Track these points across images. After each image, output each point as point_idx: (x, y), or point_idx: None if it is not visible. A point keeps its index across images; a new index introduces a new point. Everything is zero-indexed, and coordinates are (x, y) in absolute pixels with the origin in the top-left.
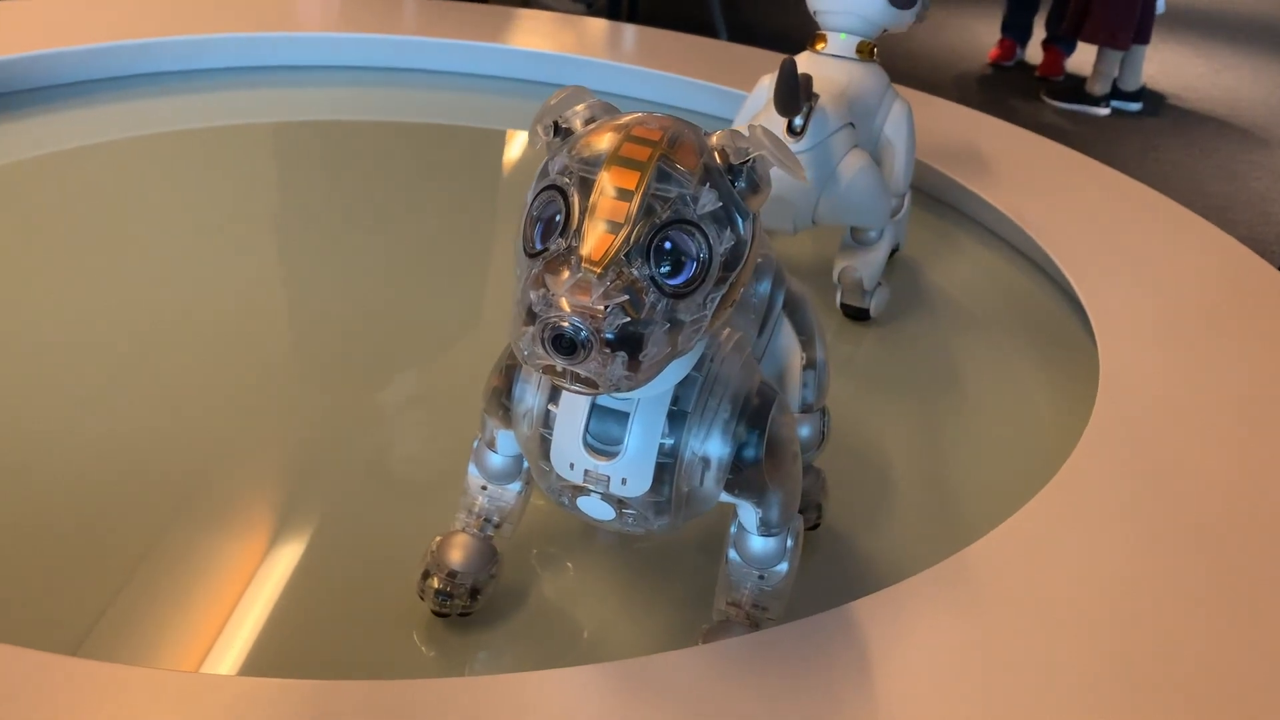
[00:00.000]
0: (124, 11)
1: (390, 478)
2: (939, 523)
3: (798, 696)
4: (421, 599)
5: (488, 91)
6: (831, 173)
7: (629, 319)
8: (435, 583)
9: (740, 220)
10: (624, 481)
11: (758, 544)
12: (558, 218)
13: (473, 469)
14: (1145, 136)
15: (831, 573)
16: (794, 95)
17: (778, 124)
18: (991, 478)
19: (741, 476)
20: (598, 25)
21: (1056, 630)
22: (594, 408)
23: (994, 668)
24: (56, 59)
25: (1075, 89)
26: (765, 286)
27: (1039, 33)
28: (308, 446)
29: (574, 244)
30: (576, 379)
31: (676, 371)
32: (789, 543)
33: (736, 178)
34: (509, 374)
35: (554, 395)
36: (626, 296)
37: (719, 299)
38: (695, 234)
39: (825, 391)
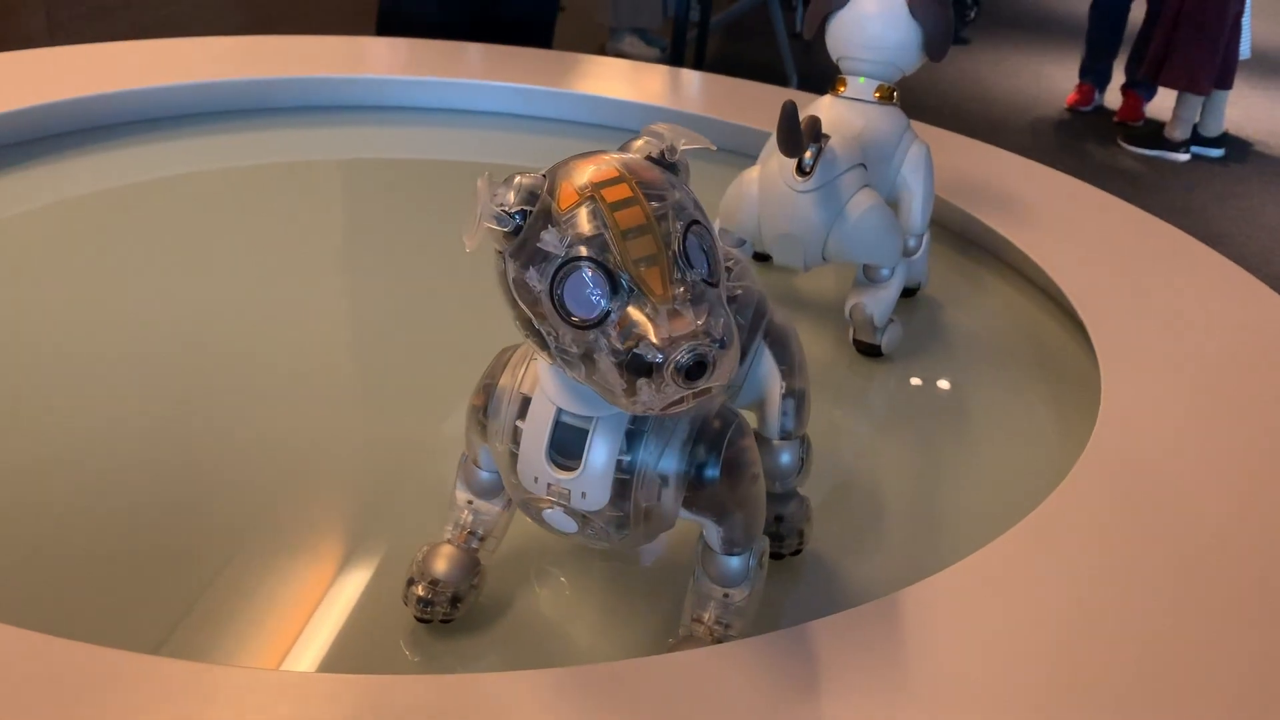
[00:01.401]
0: (208, 53)
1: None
2: (924, 551)
3: (750, 708)
4: (405, 604)
5: (557, 135)
6: (840, 211)
7: (724, 318)
8: (419, 590)
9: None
10: (584, 495)
11: (722, 562)
12: (589, 284)
13: (459, 484)
14: (1225, 183)
15: (810, 594)
16: (795, 136)
17: (788, 164)
18: (981, 510)
19: (700, 495)
20: (667, 72)
21: (1009, 660)
22: (557, 424)
23: (944, 693)
24: (142, 96)
25: (1154, 134)
26: (746, 317)
27: (1118, 77)
28: (375, 463)
29: (633, 291)
30: (695, 396)
31: None
32: (752, 562)
33: (674, 171)
34: (487, 392)
35: (522, 412)
36: (707, 304)
37: (722, 275)
38: (699, 228)
39: (805, 421)
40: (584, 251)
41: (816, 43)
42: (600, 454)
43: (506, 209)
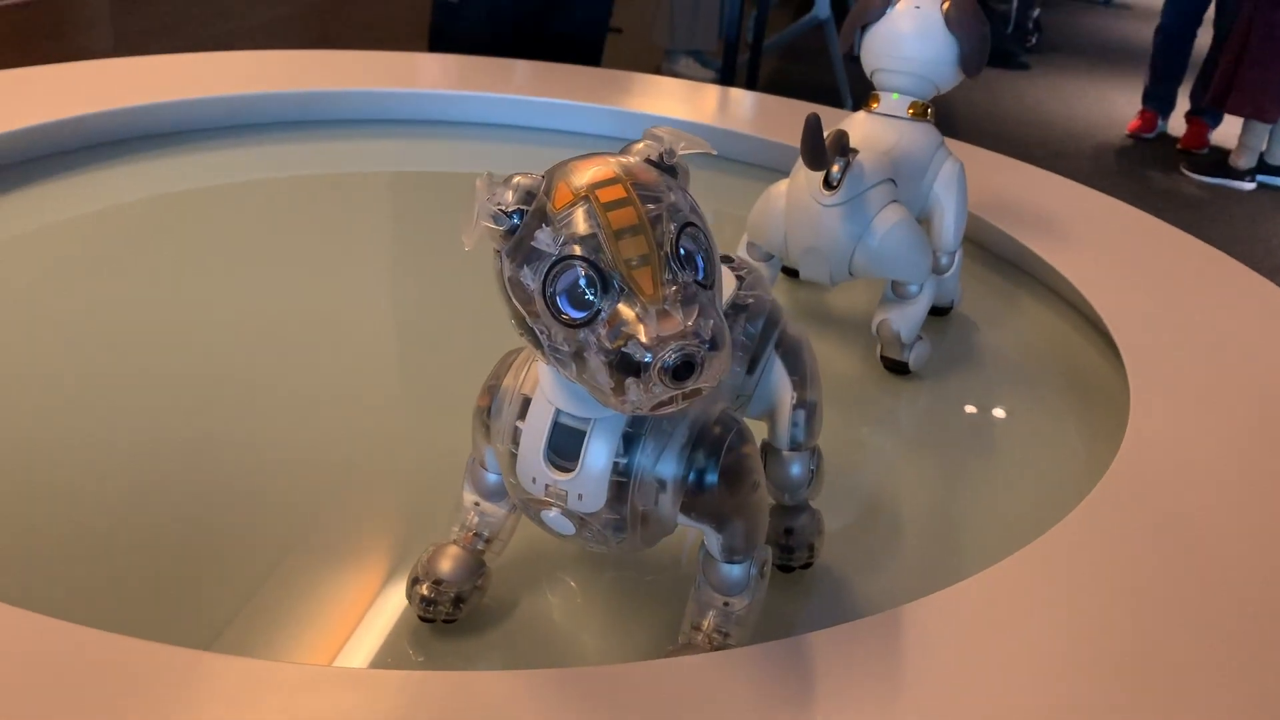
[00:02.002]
0: (263, 67)
1: None
2: (937, 567)
3: (740, 716)
4: (409, 603)
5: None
6: (866, 226)
7: (713, 320)
8: (423, 589)
9: (697, 214)
10: (580, 497)
11: (723, 570)
12: (580, 283)
13: (467, 485)
14: None
15: (818, 607)
16: (818, 149)
17: (815, 178)
18: (998, 529)
19: (699, 501)
20: (714, 90)
21: (1010, 677)
22: (555, 425)
23: (939, 708)
24: (195, 106)
25: (1219, 163)
26: (757, 327)
27: (1182, 104)
28: (420, 467)
29: (624, 291)
30: (685, 396)
31: None
32: (753, 571)
33: (672, 174)
34: (491, 393)
35: (522, 413)
36: (697, 306)
37: (718, 275)
38: (694, 230)
39: (816, 432)
40: (577, 250)
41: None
42: (597, 456)
43: (504, 208)
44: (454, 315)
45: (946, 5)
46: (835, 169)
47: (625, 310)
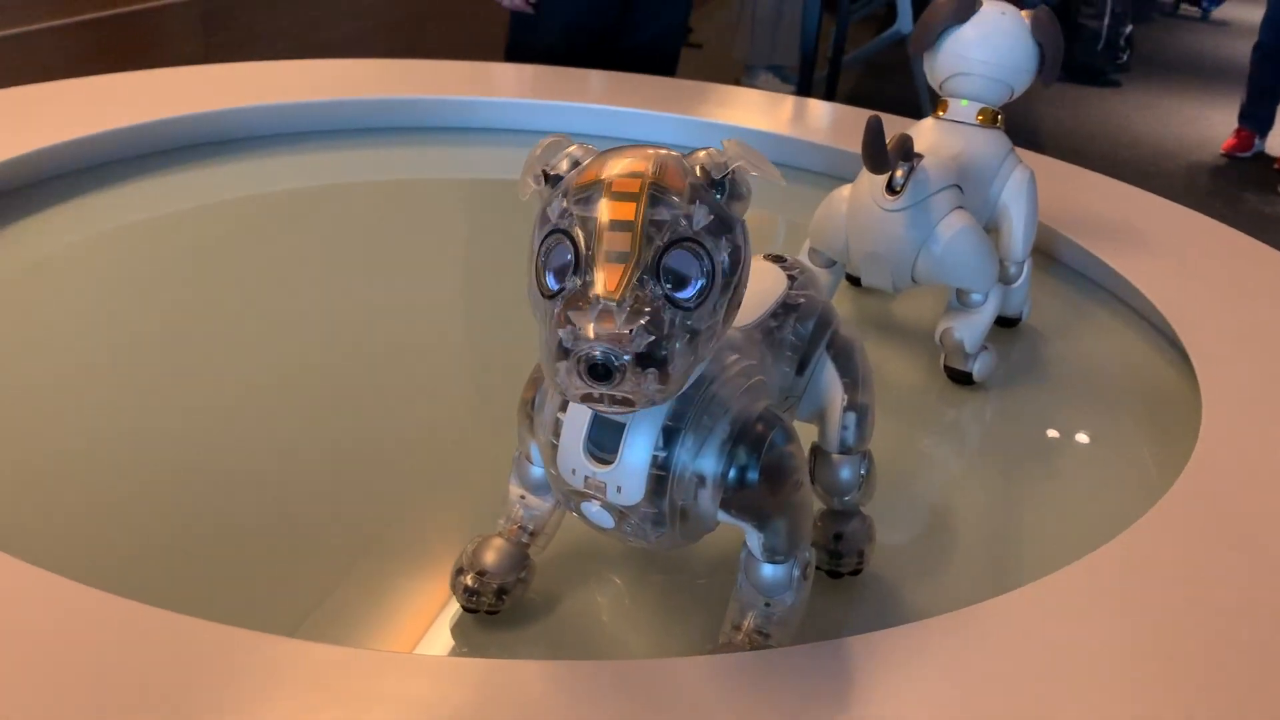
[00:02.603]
0: (347, 74)
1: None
2: (993, 578)
3: (773, 716)
4: (453, 593)
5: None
6: (930, 232)
7: (653, 337)
8: (467, 580)
9: (734, 229)
10: (619, 489)
11: (764, 570)
12: (567, 258)
13: (513, 478)
14: None
15: (867, 613)
16: (880, 152)
17: (879, 183)
18: (1057, 541)
19: (739, 498)
20: (790, 101)
21: (1063, 688)
22: (595, 418)
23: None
24: (283, 111)
25: None
26: (807, 328)
27: None
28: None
29: (588, 279)
30: (613, 400)
31: None
32: (795, 572)
33: (720, 191)
34: (534, 386)
35: (564, 404)
36: (647, 318)
37: (726, 304)
38: (696, 249)
39: (867, 436)
40: (570, 229)
41: None
42: (636, 448)
43: (548, 170)
44: (527, 317)
45: (1029, 13)
46: (899, 174)
47: (581, 296)
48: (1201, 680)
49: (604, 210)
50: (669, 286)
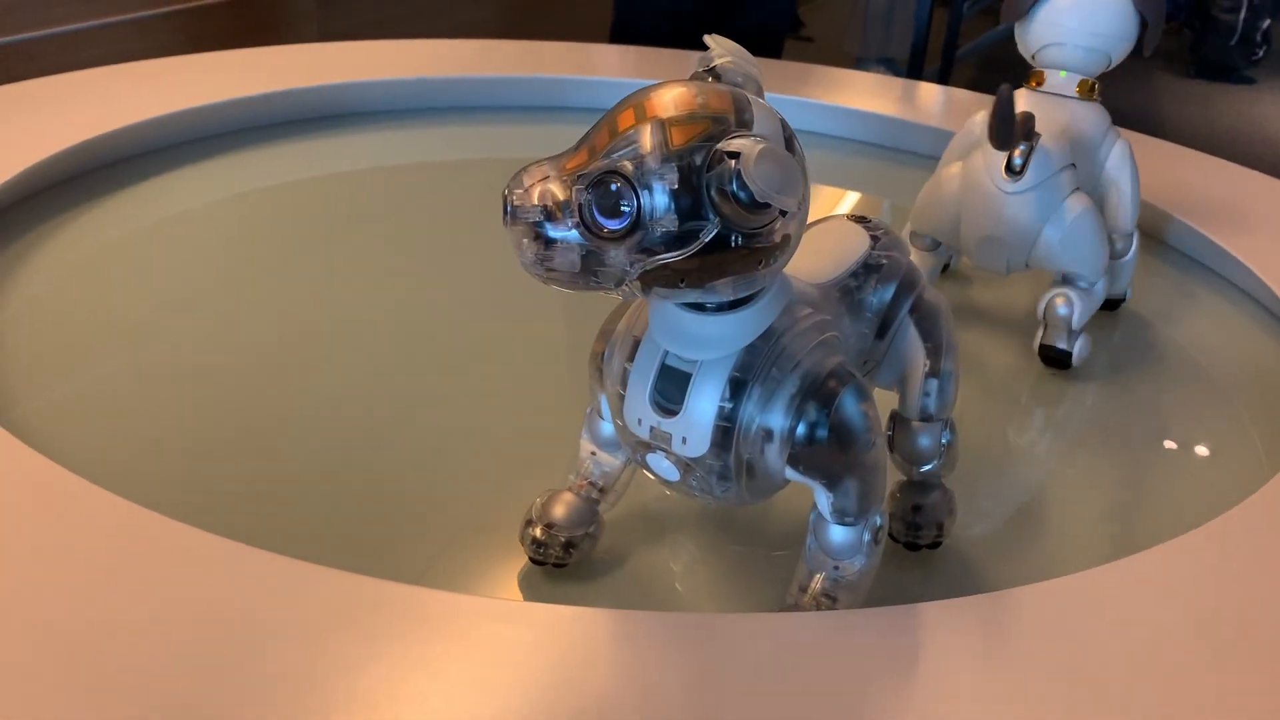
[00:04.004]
0: (456, 51)
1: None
2: (1077, 559)
3: (835, 677)
4: (521, 544)
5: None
6: (1051, 215)
7: (541, 220)
8: (536, 532)
9: (701, 217)
10: (684, 440)
11: (834, 532)
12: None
13: (584, 434)
14: None
15: (938, 584)
16: (1010, 128)
17: (994, 163)
18: (1152, 525)
19: (807, 455)
20: (897, 84)
21: (1138, 666)
22: (662, 368)
23: (1043, 689)
24: (385, 87)
25: None
26: (889, 290)
27: None
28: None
29: (572, 151)
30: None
31: (740, 338)
32: (866, 537)
33: (714, 182)
34: (604, 339)
35: (631, 354)
36: (553, 203)
37: (643, 268)
38: (630, 192)
39: (950, 405)
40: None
41: None
42: (702, 398)
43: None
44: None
45: None
46: (1018, 153)
47: (554, 159)
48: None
49: (615, 112)
50: (587, 202)
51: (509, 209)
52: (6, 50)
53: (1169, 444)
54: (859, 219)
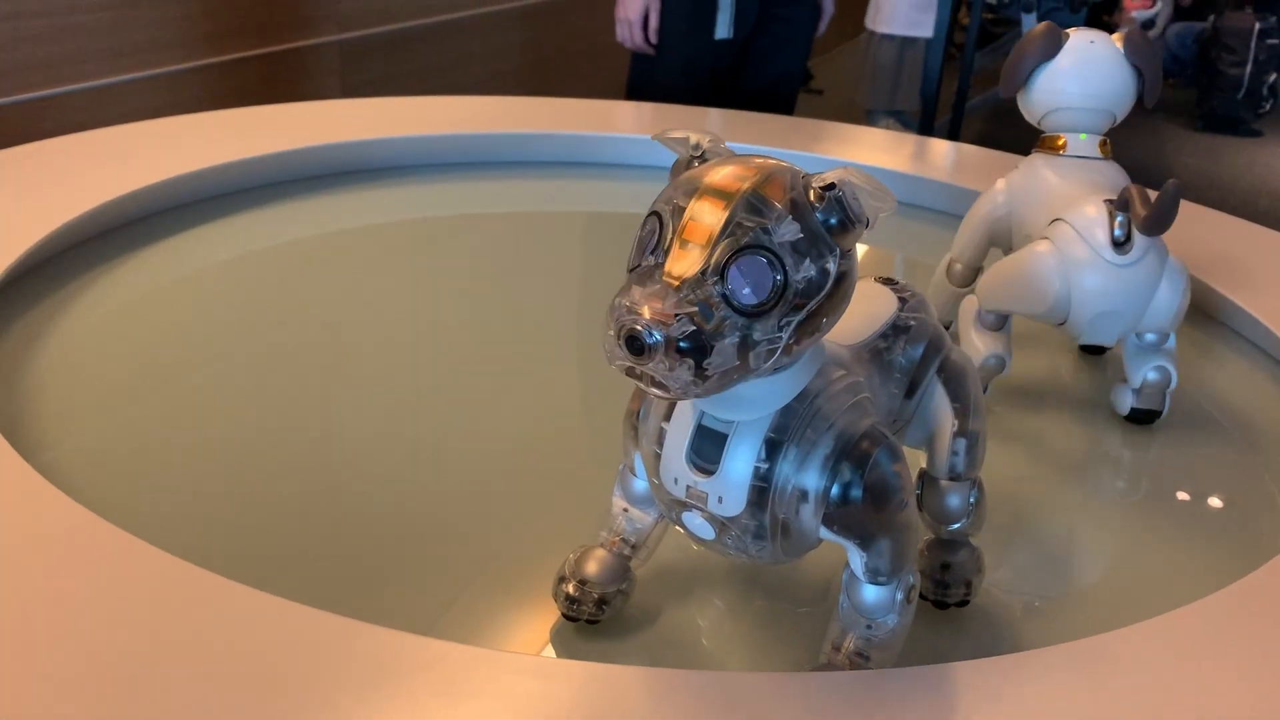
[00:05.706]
0: (478, 110)
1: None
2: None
3: None
4: (554, 600)
5: None
6: (1160, 280)
7: (696, 328)
8: (569, 588)
9: (826, 254)
10: (720, 500)
11: (867, 592)
12: (655, 238)
13: (617, 490)
14: None
15: (968, 644)
16: (1171, 218)
17: (1096, 237)
18: (1182, 583)
19: (842, 515)
20: (910, 140)
21: None
22: (699, 428)
23: None
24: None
25: None
26: (917, 351)
27: None
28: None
29: (660, 261)
30: (651, 381)
31: (776, 399)
32: (899, 595)
33: (828, 216)
34: (640, 397)
35: (668, 413)
36: (697, 308)
37: (795, 324)
38: (772, 260)
39: (978, 464)
40: (663, 211)
41: None
42: (738, 459)
43: (691, 151)
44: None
45: (1120, 35)
46: (1117, 224)
47: (649, 275)
48: None
49: (698, 203)
50: (732, 289)
51: (648, 343)
52: (44, 104)
53: (1191, 500)
54: (886, 280)
